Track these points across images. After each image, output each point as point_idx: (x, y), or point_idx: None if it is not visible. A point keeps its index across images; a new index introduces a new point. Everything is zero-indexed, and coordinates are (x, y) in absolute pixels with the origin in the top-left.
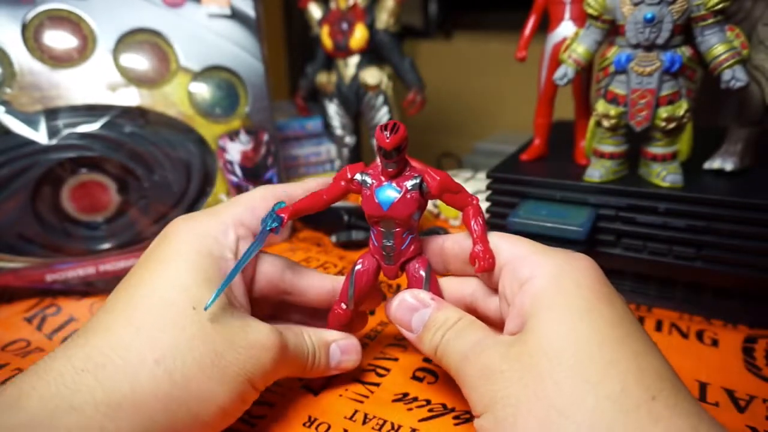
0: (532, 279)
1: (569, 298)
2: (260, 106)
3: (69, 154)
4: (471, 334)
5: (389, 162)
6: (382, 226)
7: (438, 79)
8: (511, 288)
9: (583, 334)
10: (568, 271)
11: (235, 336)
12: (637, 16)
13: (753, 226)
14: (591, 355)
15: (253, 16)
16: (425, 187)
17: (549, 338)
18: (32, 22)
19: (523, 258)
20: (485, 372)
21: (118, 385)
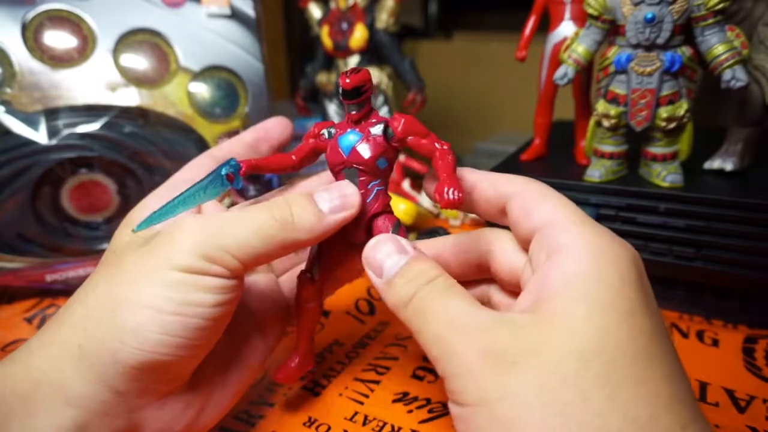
0: (565, 253)
1: (611, 295)
2: (260, 106)
3: (69, 154)
4: (461, 299)
5: (351, 104)
6: (346, 176)
7: (438, 79)
8: (536, 255)
9: (618, 343)
10: (611, 259)
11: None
12: (638, 16)
13: (753, 226)
14: (622, 370)
15: (253, 16)
16: (390, 132)
17: (577, 337)
18: (32, 22)
19: (561, 226)
20: (490, 357)
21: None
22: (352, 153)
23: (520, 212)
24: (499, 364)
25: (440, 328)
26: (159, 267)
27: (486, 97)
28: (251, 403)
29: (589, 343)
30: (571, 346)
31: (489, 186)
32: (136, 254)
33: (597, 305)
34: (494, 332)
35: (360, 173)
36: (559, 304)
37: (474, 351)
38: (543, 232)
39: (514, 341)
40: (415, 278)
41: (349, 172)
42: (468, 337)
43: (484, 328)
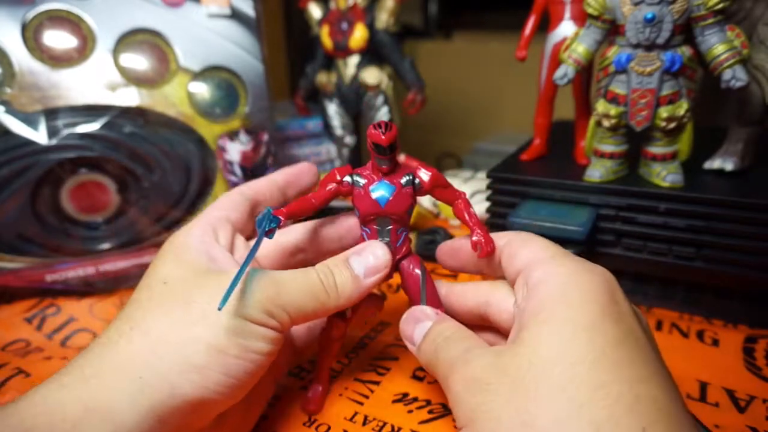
0: (539, 286)
1: (570, 311)
2: (260, 106)
3: (69, 154)
4: (460, 343)
5: (383, 159)
6: (378, 224)
7: (438, 79)
8: (520, 291)
9: (578, 351)
10: (576, 282)
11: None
12: (638, 15)
13: (753, 226)
14: (581, 375)
15: (253, 16)
16: (418, 183)
17: (540, 352)
18: (32, 22)
19: (537, 263)
20: (470, 383)
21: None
22: (387, 205)
23: (507, 260)
24: (476, 387)
25: (445, 372)
26: (227, 315)
27: (486, 97)
28: None
29: (548, 356)
30: (532, 362)
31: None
32: (203, 294)
33: (556, 322)
34: (474, 363)
35: (392, 222)
36: (528, 331)
37: (461, 382)
38: (523, 272)
39: (490, 368)
40: (436, 338)
41: (381, 221)
42: (458, 372)
43: (468, 361)
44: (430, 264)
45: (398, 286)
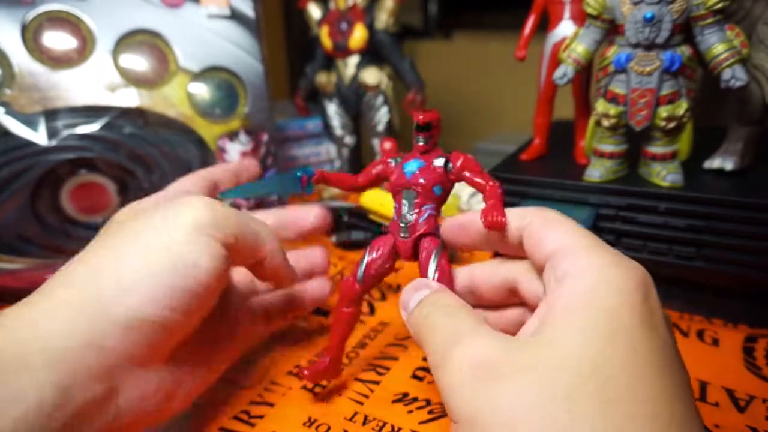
0: (568, 278)
1: (609, 314)
2: (260, 107)
3: (68, 155)
4: (461, 317)
5: (420, 136)
6: (404, 197)
7: (438, 79)
8: (548, 282)
9: (616, 364)
10: (611, 281)
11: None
12: (637, 15)
13: (753, 226)
14: (619, 389)
15: (253, 16)
16: (450, 166)
17: (575, 359)
18: (32, 23)
19: (570, 251)
20: (481, 370)
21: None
22: (412, 177)
23: (532, 242)
24: (489, 378)
25: (443, 339)
26: (160, 235)
27: (486, 96)
28: (251, 403)
29: (584, 365)
30: (564, 366)
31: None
32: (138, 220)
33: (593, 326)
34: (488, 347)
35: (418, 195)
36: (557, 329)
37: (467, 361)
38: (552, 260)
39: (507, 357)
40: (431, 306)
41: (408, 194)
42: (464, 350)
43: (480, 343)
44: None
45: (398, 286)
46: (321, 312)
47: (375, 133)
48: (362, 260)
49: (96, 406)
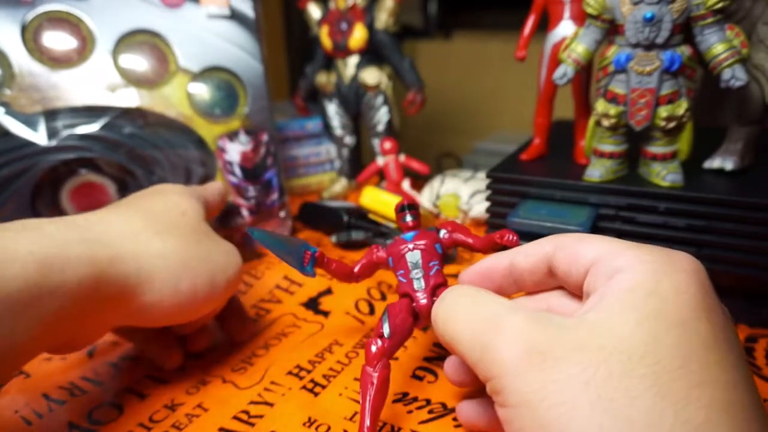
0: (624, 271)
1: (664, 305)
2: (260, 107)
3: (68, 155)
4: (494, 300)
5: (407, 215)
6: (409, 260)
7: (438, 79)
8: (596, 283)
9: (670, 348)
10: (669, 272)
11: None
12: (637, 15)
13: (753, 226)
14: (675, 373)
15: (252, 16)
16: (443, 232)
17: (627, 339)
18: (32, 23)
19: (616, 252)
20: (534, 354)
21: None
22: (414, 239)
23: (567, 261)
24: (542, 361)
25: (479, 331)
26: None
27: (486, 96)
28: (250, 403)
29: (637, 346)
30: (616, 346)
31: (526, 257)
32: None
33: (647, 314)
34: (536, 330)
35: (422, 254)
36: (607, 311)
37: (517, 349)
38: (597, 265)
39: (557, 338)
40: (452, 295)
41: (412, 255)
42: (509, 337)
43: (524, 327)
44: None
45: None
46: (321, 312)
47: (375, 133)
48: (384, 320)
49: None
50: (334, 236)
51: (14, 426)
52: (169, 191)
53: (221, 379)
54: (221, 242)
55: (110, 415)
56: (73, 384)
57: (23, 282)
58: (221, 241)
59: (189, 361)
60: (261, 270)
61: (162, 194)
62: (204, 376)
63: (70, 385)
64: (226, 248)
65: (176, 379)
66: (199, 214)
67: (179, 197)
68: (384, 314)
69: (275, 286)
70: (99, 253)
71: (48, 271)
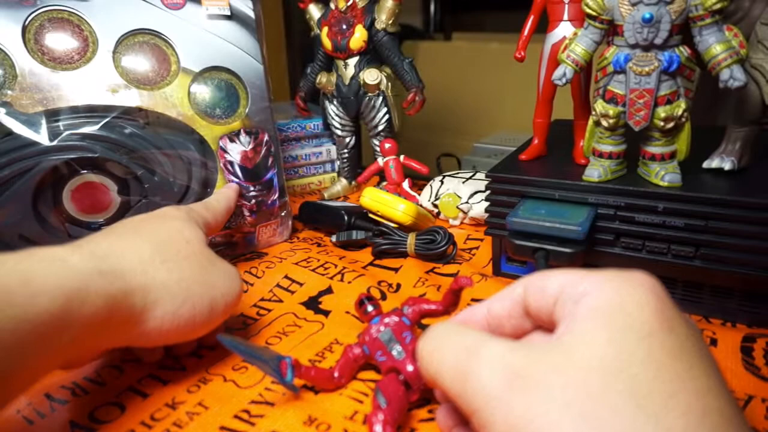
0: (589, 294)
1: (631, 320)
2: (260, 107)
3: (70, 155)
4: (474, 332)
5: (368, 306)
6: (384, 341)
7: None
8: (563, 310)
9: (642, 360)
10: (630, 289)
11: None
12: (636, 16)
13: (751, 225)
14: (650, 385)
15: (253, 16)
16: (406, 308)
17: (601, 356)
18: (33, 23)
19: (578, 279)
20: (514, 380)
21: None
22: (380, 320)
23: (535, 298)
24: (523, 385)
25: (460, 360)
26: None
27: (485, 97)
28: (251, 402)
29: (611, 362)
30: (592, 365)
31: (501, 301)
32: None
33: (617, 330)
34: (515, 355)
35: (393, 331)
36: (580, 331)
37: (498, 376)
38: (563, 293)
39: (536, 362)
40: (432, 336)
41: (384, 335)
42: (489, 363)
43: (503, 352)
44: (430, 264)
45: (398, 285)
46: (322, 311)
47: (375, 134)
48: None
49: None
50: (334, 236)
51: (16, 425)
52: (173, 217)
53: (222, 378)
54: (222, 266)
55: (112, 414)
56: (74, 383)
57: (49, 316)
58: (223, 264)
59: (189, 360)
60: (261, 269)
61: (165, 220)
62: (205, 374)
63: (72, 385)
64: (226, 271)
65: (177, 378)
66: (201, 240)
67: (182, 224)
68: (376, 391)
69: (276, 285)
70: (114, 286)
71: (71, 305)
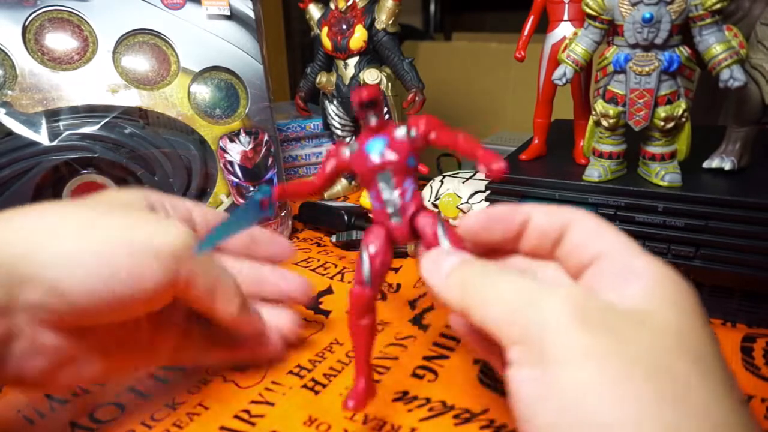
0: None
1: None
2: (260, 107)
3: (70, 155)
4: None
5: (369, 114)
6: (380, 181)
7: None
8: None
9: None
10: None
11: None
12: (636, 16)
13: (752, 225)
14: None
15: (253, 16)
16: (413, 132)
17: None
18: (33, 23)
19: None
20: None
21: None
22: (383, 157)
23: (579, 241)
24: (595, 325)
25: (515, 297)
26: (139, 242)
27: (485, 97)
28: (251, 402)
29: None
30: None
31: (548, 217)
32: (118, 208)
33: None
34: (588, 298)
35: (394, 174)
36: (649, 300)
37: (568, 308)
38: (610, 256)
39: (610, 312)
40: (468, 267)
41: (383, 176)
42: (559, 298)
43: (575, 293)
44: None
45: (398, 286)
46: (322, 311)
47: None
48: (362, 261)
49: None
50: (334, 236)
51: (16, 425)
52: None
53: (222, 378)
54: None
55: (112, 414)
56: None
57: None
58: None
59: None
60: None
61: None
62: (205, 375)
63: None
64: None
65: (177, 378)
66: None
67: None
68: (361, 254)
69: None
70: None
71: None
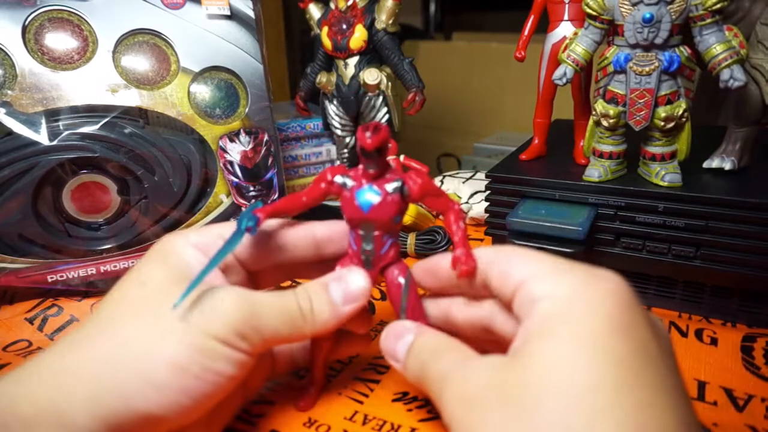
0: (543, 300)
1: (576, 327)
2: (260, 107)
3: (70, 155)
4: (448, 354)
5: (370, 163)
6: (362, 229)
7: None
8: (521, 309)
9: (580, 372)
10: (584, 294)
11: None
12: (636, 16)
13: (752, 225)
14: (581, 398)
15: (253, 16)
16: (406, 191)
17: (539, 371)
18: (33, 23)
19: (540, 276)
20: (465, 399)
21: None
22: (371, 211)
23: (499, 278)
24: (471, 403)
25: (437, 387)
26: (194, 332)
27: (485, 97)
28: (251, 402)
29: (547, 377)
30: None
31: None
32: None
33: (559, 339)
34: (470, 376)
35: (377, 228)
36: (529, 347)
37: (455, 397)
38: (523, 288)
39: (486, 382)
40: (420, 352)
41: (366, 226)
42: (452, 388)
43: (464, 376)
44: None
45: None
46: None
47: None
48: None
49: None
50: None
51: None
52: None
53: None
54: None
55: None
56: None
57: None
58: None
59: None
60: None
61: None
62: None
63: None
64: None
65: None
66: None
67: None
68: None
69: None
70: None
71: None
